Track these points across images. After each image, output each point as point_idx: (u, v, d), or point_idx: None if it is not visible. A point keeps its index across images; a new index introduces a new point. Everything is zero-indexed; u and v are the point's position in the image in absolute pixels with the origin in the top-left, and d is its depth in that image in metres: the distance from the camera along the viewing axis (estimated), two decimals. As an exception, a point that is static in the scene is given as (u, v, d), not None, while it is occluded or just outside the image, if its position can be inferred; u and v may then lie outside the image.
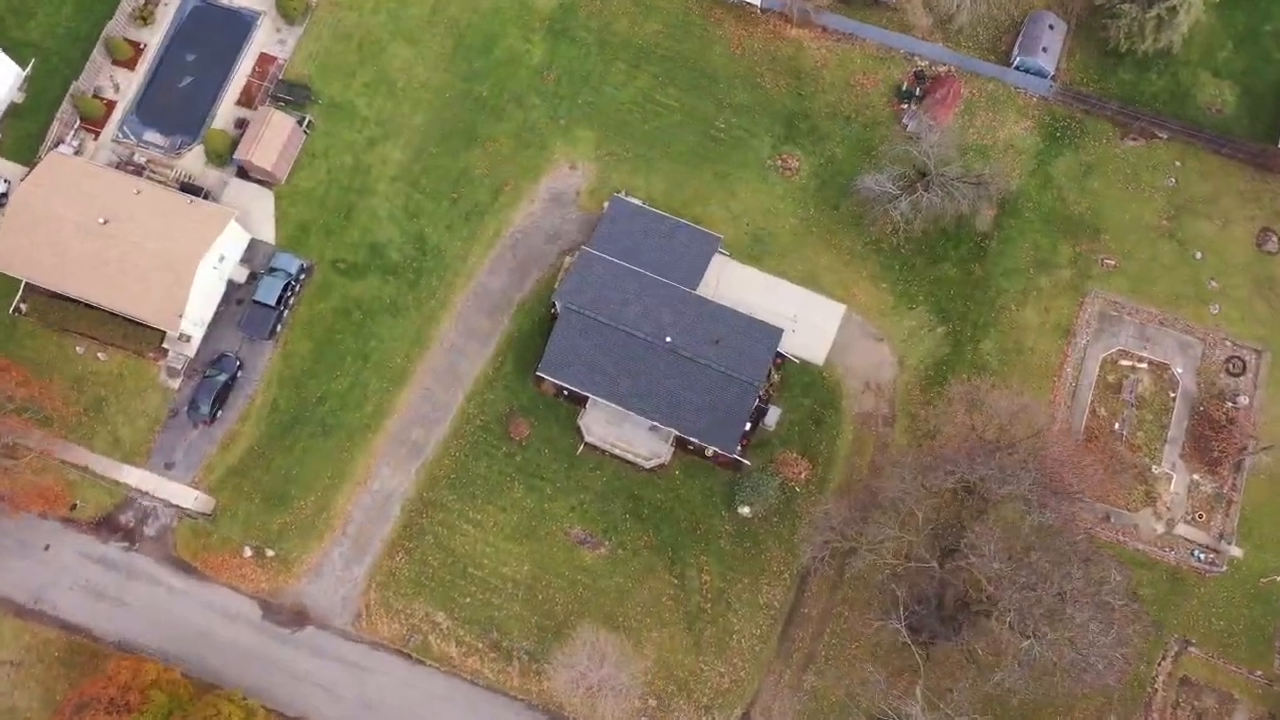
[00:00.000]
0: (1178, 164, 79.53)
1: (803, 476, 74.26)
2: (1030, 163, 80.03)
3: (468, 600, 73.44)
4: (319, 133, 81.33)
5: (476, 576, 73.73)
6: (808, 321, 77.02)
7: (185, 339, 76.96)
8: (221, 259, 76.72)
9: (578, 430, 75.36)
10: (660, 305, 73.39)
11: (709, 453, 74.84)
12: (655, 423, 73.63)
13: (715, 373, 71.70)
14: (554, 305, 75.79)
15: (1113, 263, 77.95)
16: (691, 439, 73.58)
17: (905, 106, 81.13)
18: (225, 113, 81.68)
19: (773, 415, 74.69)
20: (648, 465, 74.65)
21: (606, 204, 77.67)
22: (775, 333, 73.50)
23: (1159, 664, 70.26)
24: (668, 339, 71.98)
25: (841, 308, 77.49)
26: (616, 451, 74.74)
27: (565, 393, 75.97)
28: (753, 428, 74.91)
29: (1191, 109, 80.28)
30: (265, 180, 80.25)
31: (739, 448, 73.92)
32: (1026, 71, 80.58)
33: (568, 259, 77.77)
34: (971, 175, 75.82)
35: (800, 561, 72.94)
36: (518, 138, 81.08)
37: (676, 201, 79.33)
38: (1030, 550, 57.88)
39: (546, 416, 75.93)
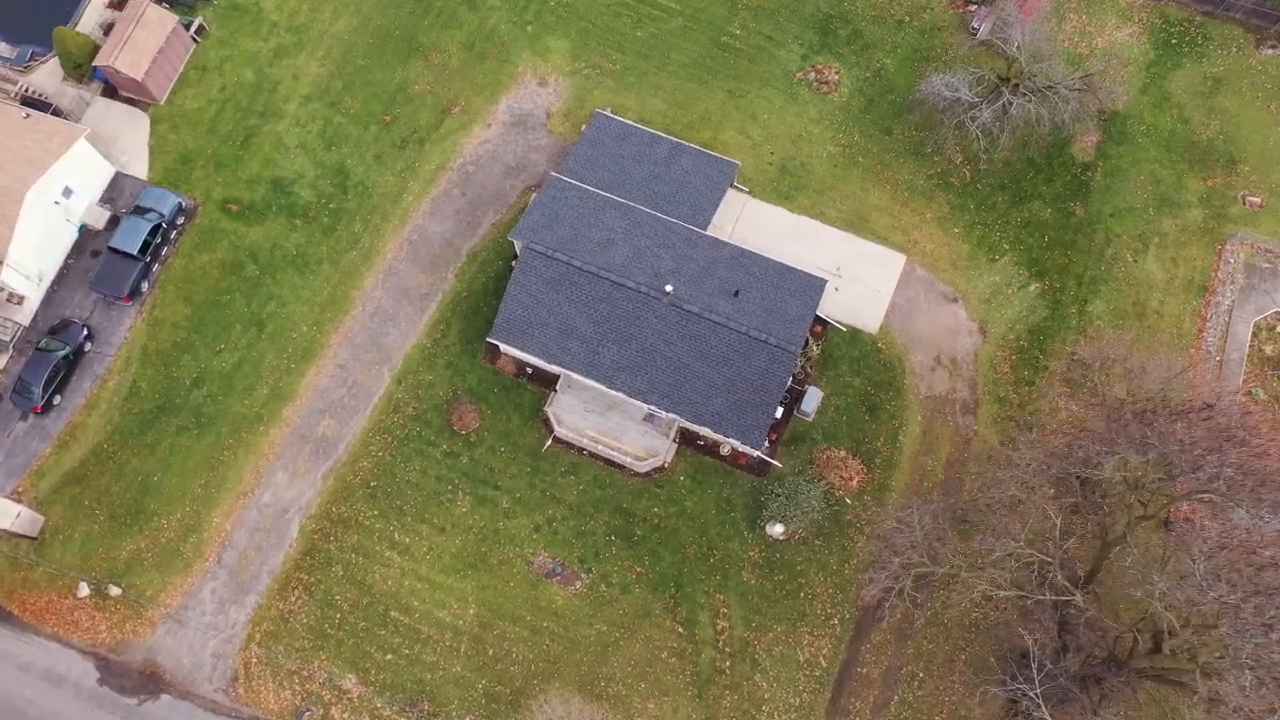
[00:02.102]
0: (1332, 77, 58.74)
1: (854, 483, 52.01)
2: (1140, 77, 59.18)
3: (389, 657, 50.56)
4: (213, 41, 60.44)
5: (402, 624, 50.95)
6: (856, 276, 55.43)
7: (17, 300, 55.20)
8: (67, 193, 55.18)
9: (545, 421, 53.18)
10: (657, 247, 51.75)
11: (725, 451, 52.63)
12: (651, 408, 51.56)
13: (734, 335, 49.82)
14: (515, 255, 54.20)
15: (1258, 200, 56.68)
16: (701, 430, 51.52)
17: (974, 7, 60.45)
18: (92, 16, 60.82)
19: (812, 399, 52.60)
20: (641, 468, 52.37)
21: (585, 127, 56.43)
22: (816, 284, 51.82)
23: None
24: (668, 289, 50.21)
25: (901, 258, 55.99)
26: (598, 449, 52.51)
27: (529, 370, 53.96)
28: (785, 416, 52.86)
29: (1345, 8, 59.73)
30: (138, 99, 59.12)
31: (766, 443, 51.78)
32: (1131, -40, 60.17)
33: (534, 196, 56.26)
34: (1075, 77, 54.81)
35: (857, 600, 50.34)
36: (470, 48, 60.17)
37: (679, 126, 58.28)
38: (1266, 569, 35.37)
39: (503, 402, 53.81)
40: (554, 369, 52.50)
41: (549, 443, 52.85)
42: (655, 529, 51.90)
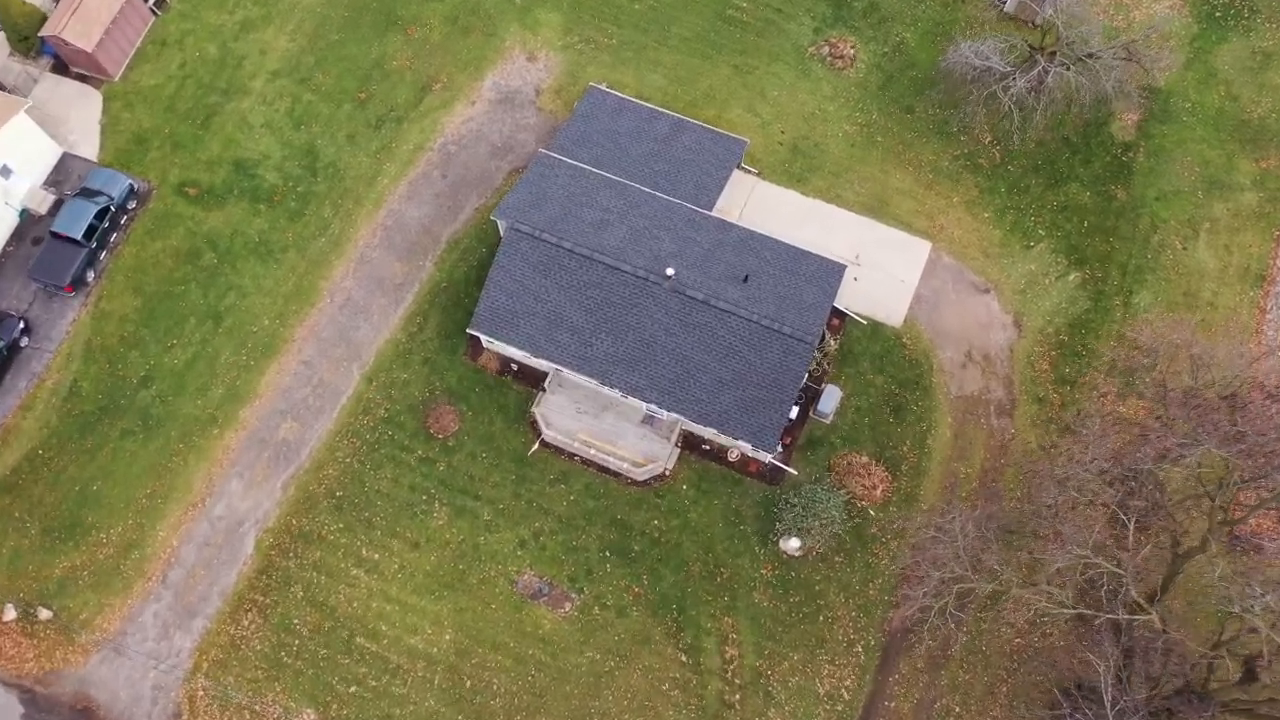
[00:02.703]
0: (1392, 51, 53.29)
1: (878, 492, 45.89)
2: (1183, 52, 53.67)
3: (353, 689, 44.15)
4: (173, 14, 55.10)
5: (369, 651, 44.59)
6: (877, 264, 49.69)
7: (-53, 291, 49.22)
8: (6, 173, 49.62)
9: (532, 423, 47.14)
10: (657, 229, 46.01)
11: (733, 456, 46.53)
12: (650, 407, 45.64)
13: (744, 324, 43.92)
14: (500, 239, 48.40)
15: (1317, 183, 51.01)
16: (707, 433, 45.56)
17: (1000, -22, 55.10)
18: (43, -12, 55.35)
19: (830, 399, 46.59)
20: (639, 476, 46.24)
21: (577, 102, 50.82)
22: (834, 269, 46.07)
23: None
24: (669, 272, 44.36)
25: (926, 245, 50.29)
26: (591, 455, 46.43)
27: (514, 366, 48.00)
28: (800, 417, 46.85)
29: (1404, -22, 54.44)
30: (90, 75, 53.65)
31: (780, 447, 45.75)
32: (1170, -73, 54.90)
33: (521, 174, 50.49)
34: (1118, 44, 49.38)
35: (884, 623, 44.07)
36: (453, 21, 54.78)
37: (681, 103, 52.75)
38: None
39: (485, 403, 47.81)
40: (542, 365, 46.58)
41: (535, 447, 46.76)
42: (655, 544, 45.70)
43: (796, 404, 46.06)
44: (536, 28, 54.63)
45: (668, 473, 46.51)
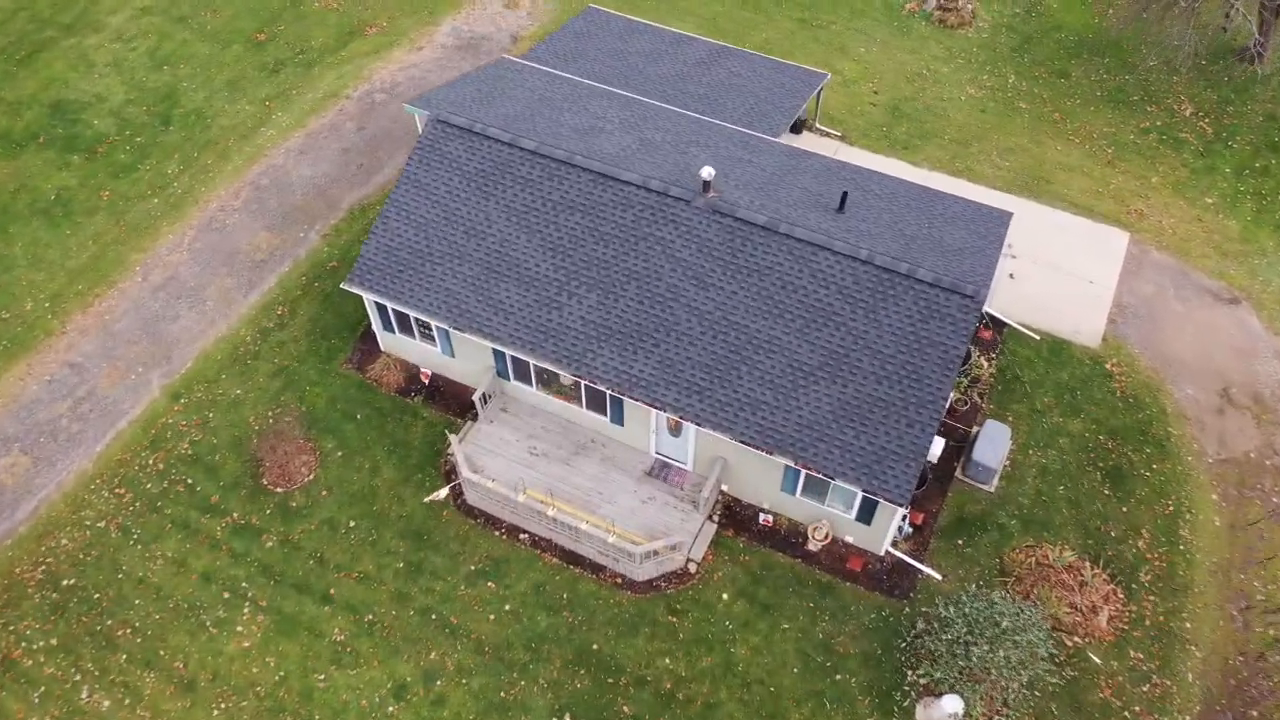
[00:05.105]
0: None
1: (1103, 619, 22.49)
2: None
3: None
4: (26, -55, 38.66)
5: None
6: (1046, 258, 29.03)
7: None
8: None
9: (448, 472, 24.73)
10: (685, 143, 26.01)
11: (817, 539, 23.49)
12: (663, 452, 23.45)
13: (844, 265, 22.68)
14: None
15: None
16: (767, 488, 23.04)
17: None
18: None
19: (993, 444, 24.26)
20: (641, 570, 23.09)
21: (567, 21, 32.57)
22: (996, 216, 25.36)
23: None
24: (705, 176, 23.59)
25: (1122, 236, 29.80)
26: (551, 525, 23.56)
27: (425, 380, 26.27)
28: (940, 480, 24.31)
29: None
30: (-117, 0, 36.38)
31: (909, 524, 23.02)
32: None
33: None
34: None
35: None
36: (410, -36, 38.07)
37: (722, 58, 34.37)
38: None
39: (370, 437, 25.70)
40: (468, 352, 24.98)
41: (442, 494, 24.13)
42: (665, 702, 21.88)
43: (941, 437, 23.84)
44: (522, -26, 37.67)
45: (694, 567, 23.45)
